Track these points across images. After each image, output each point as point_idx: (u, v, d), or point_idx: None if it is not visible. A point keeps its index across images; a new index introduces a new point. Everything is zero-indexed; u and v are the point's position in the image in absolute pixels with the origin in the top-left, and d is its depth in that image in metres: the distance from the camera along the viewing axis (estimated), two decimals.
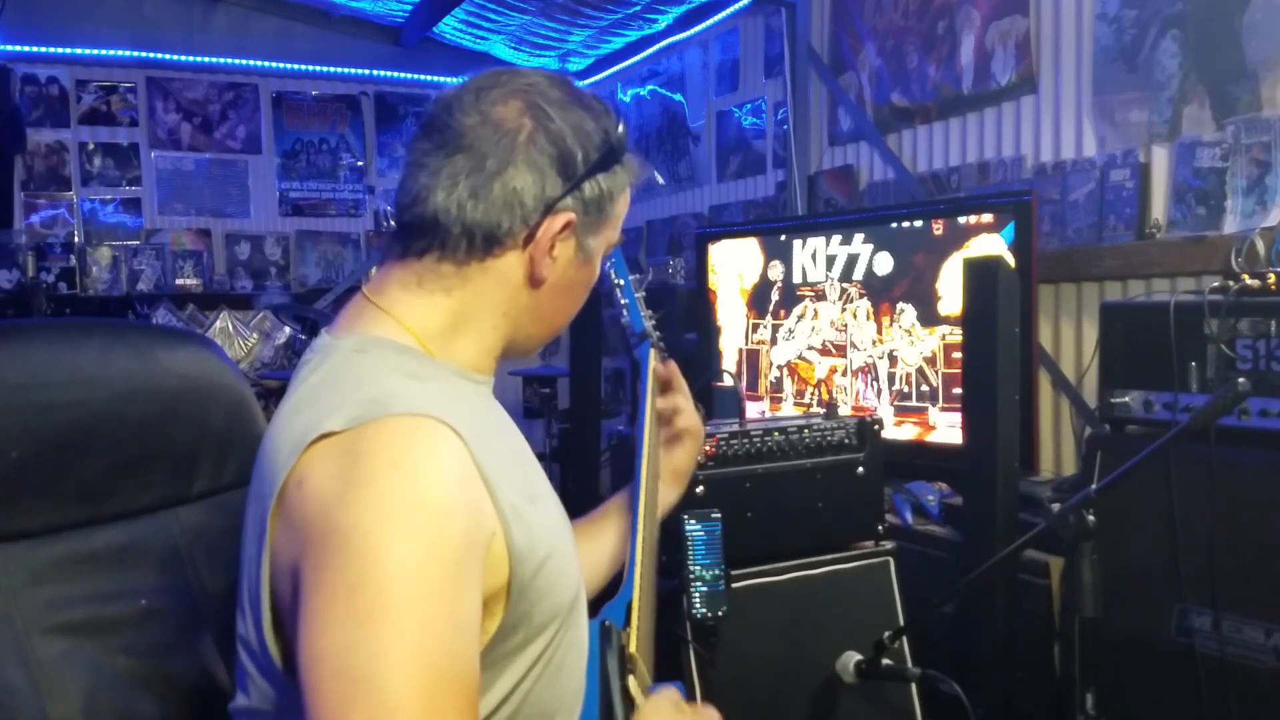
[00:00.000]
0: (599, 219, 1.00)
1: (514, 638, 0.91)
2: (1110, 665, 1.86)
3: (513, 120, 0.94)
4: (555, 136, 0.95)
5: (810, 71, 3.93)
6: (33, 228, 5.16)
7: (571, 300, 1.05)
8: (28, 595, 1.00)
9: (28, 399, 1.01)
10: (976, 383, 2.12)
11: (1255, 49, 2.39)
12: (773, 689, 1.98)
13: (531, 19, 4.99)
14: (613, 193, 1.00)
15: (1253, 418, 1.82)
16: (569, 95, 0.98)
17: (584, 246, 1.00)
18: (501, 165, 0.93)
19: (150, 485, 1.10)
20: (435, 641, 0.78)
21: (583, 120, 0.97)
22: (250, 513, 0.91)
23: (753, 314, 3.32)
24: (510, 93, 0.96)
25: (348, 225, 5.73)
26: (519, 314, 1.00)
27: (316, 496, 0.81)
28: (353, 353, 0.93)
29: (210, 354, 1.18)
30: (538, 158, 0.94)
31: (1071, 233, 2.79)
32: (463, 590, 0.81)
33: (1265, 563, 1.78)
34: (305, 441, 0.84)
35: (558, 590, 0.94)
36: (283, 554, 0.84)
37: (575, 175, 0.95)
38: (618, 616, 0.99)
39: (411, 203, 0.96)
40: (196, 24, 5.32)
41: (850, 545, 2.15)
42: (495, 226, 0.94)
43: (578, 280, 1.03)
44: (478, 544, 0.84)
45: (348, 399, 0.86)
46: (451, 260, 0.96)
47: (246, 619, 0.90)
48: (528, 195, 0.94)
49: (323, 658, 0.76)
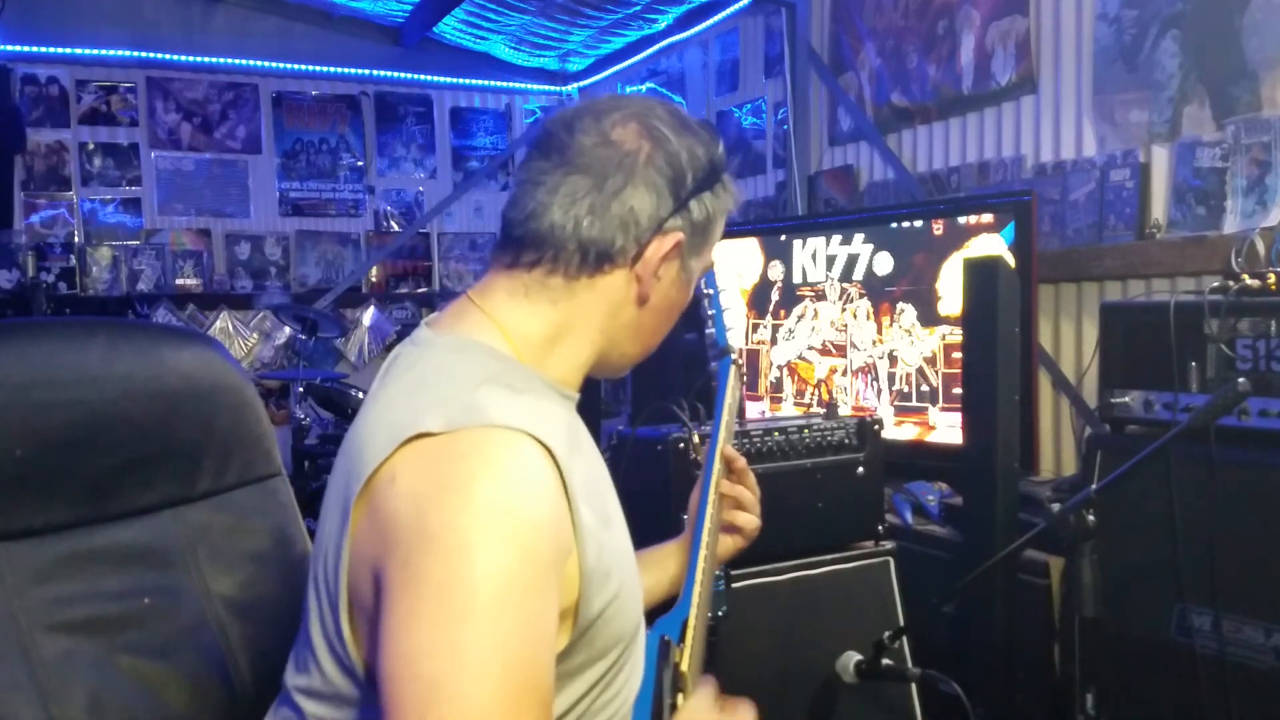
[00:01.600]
0: (702, 241, 1.03)
1: (575, 658, 0.91)
2: (1110, 665, 1.86)
3: (631, 142, 0.97)
4: (671, 158, 0.98)
5: (810, 71, 3.94)
6: (33, 228, 5.15)
7: (667, 320, 1.06)
8: (31, 593, 1.00)
9: (32, 397, 1.01)
10: (976, 383, 2.12)
11: (1255, 49, 2.39)
12: (773, 689, 1.98)
13: (531, 19, 4.99)
14: (715, 215, 1.03)
15: (1253, 418, 1.82)
16: (680, 119, 1.01)
17: (687, 267, 1.03)
18: (621, 185, 0.96)
19: (154, 484, 1.11)
20: (518, 649, 0.78)
21: (693, 144, 1.00)
22: (331, 498, 0.92)
23: (753, 314, 3.32)
24: (628, 115, 0.99)
25: (348, 225, 5.73)
26: (617, 331, 1.02)
27: (409, 495, 0.82)
28: (452, 353, 0.95)
29: (214, 354, 1.18)
30: (655, 178, 0.97)
31: (1071, 233, 2.79)
32: (546, 602, 0.82)
33: (1265, 563, 1.78)
34: (401, 437, 0.84)
35: (622, 616, 0.95)
36: (365, 547, 0.85)
37: (684, 196, 0.98)
38: (673, 632, 1.00)
39: (526, 218, 0.98)
40: (196, 24, 5.31)
41: (850, 545, 2.15)
42: (610, 244, 0.96)
43: (676, 301, 1.05)
44: (559, 559, 0.84)
45: (446, 400, 0.87)
46: (562, 275, 0.98)
47: (322, 603, 0.90)
48: (643, 215, 0.97)
49: (405, 658, 0.77)
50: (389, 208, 5.83)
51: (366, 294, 5.65)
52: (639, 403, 2.22)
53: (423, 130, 5.87)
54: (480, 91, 5.95)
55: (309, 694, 0.93)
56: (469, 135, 5.97)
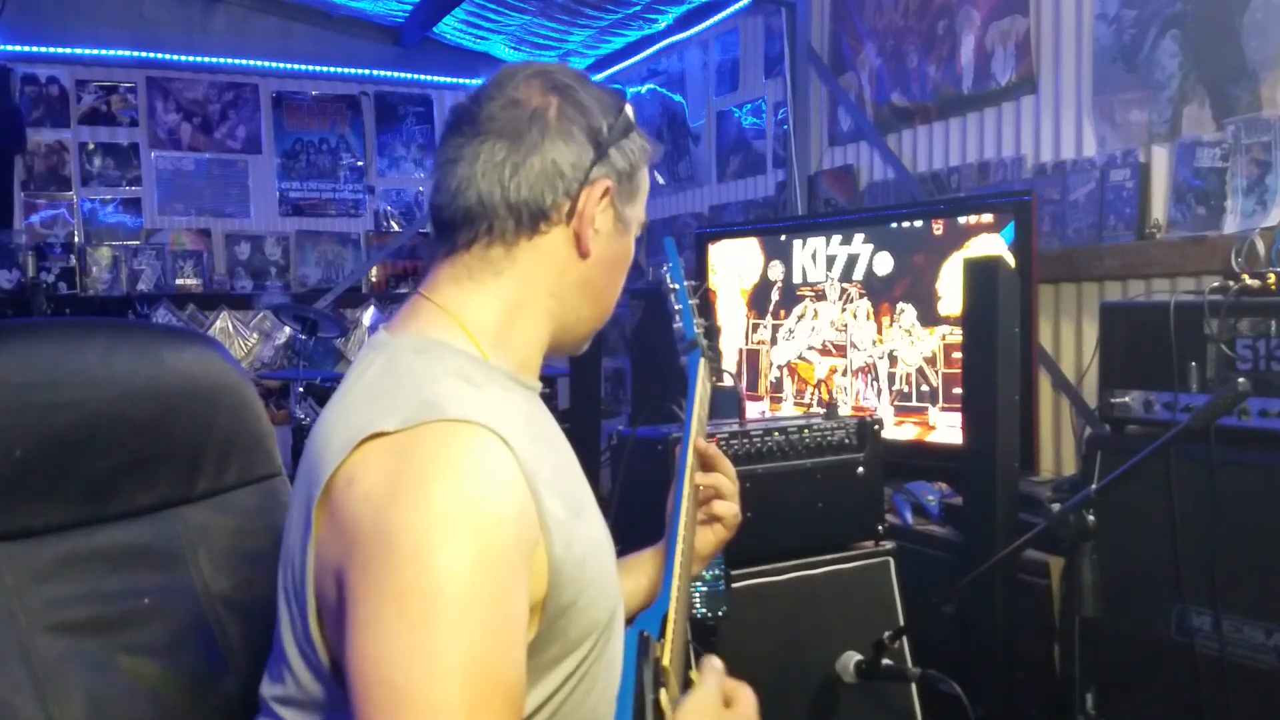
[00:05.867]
0: (630, 188, 1.02)
1: (549, 650, 0.90)
2: (1110, 665, 1.86)
3: (538, 98, 0.97)
4: (582, 108, 0.98)
5: (810, 71, 3.94)
6: (33, 228, 5.16)
7: (615, 274, 1.05)
8: (31, 593, 1.00)
9: (32, 398, 1.01)
10: (976, 383, 2.12)
11: (1255, 49, 2.39)
12: (773, 689, 1.97)
13: (531, 19, 4.99)
14: (638, 163, 1.03)
15: (1253, 418, 1.82)
16: (580, 75, 1.02)
17: (622, 216, 1.02)
18: (538, 140, 0.95)
19: (154, 485, 1.10)
20: (483, 649, 0.77)
21: (600, 94, 1.01)
22: (295, 504, 0.92)
23: (753, 314, 3.32)
24: (530, 76, 0.99)
25: (348, 225, 5.73)
26: (568, 293, 1.01)
27: (366, 497, 0.81)
28: (410, 353, 0.94)
29: (214, 354, 1.18)
30: (570, 128, 0.97)
31: (1071, 233, 2.79)
32: (511, 599, 0.81)
33: (1265, 563, 1.78)
34: (357, 439, 0.83)
35: (595, 606, 0.94)
36: (328, 551, 0.84)
37: (603, 144, 0.98)
38: (653, 627, 0.98)
39: (452, 198, 0.97)
40: (196, 24, 5.31)
41: (850, 545, 2.15)
42: (540, 201, 0.96)
43: (620, 254, 1.04)
44: (525, 554, 0.83)
45: (402, 400, 0.86)
46: (500, 243, 0.97)
47: (291, 608, 0.90)
48: (566, 166, 0.96)
49: (370, 662, 0.76)
50: (389, 208, 5.83)
51: (366, 294, 5.65)
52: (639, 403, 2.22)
53: (423, 130, 5.88)
54: None
55: (285, 703, 0.92)
56: None
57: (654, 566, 1.26)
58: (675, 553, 1.09)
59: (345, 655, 0.78)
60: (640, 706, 0.89)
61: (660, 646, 0.96)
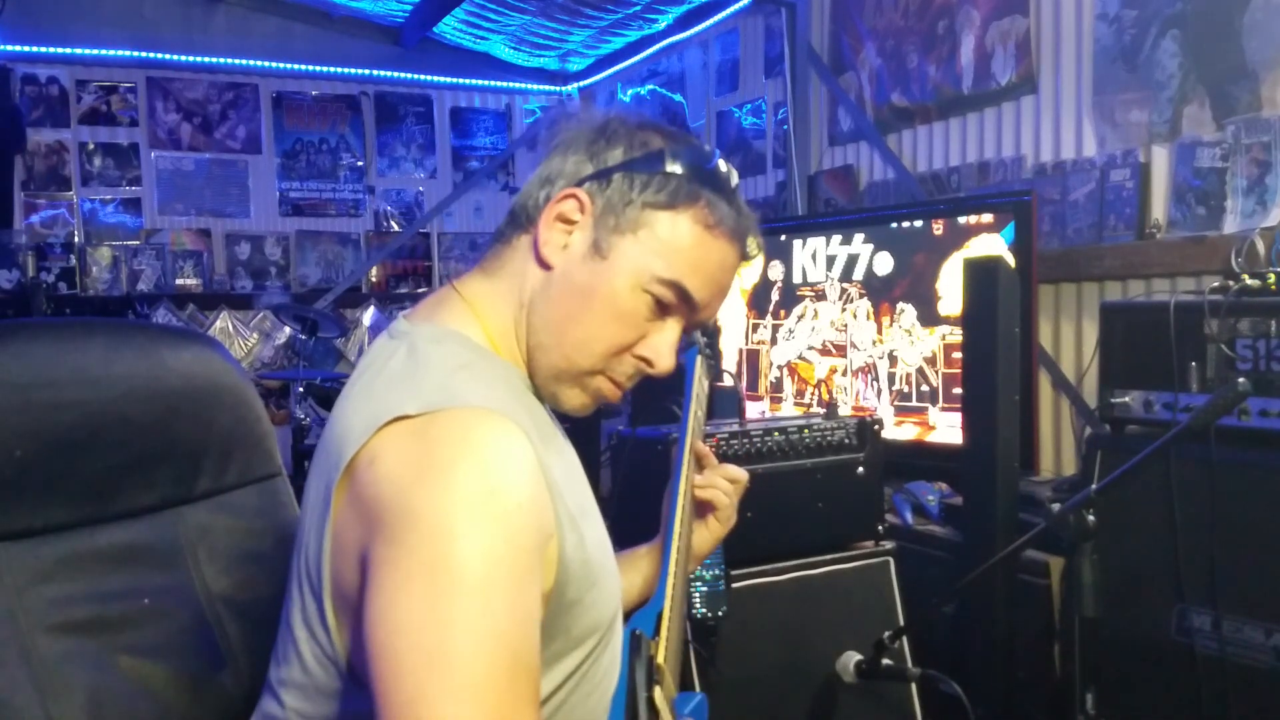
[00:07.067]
0: (619, 219, 0.94)
1: (551, 645, 0.91)
2: (1110, 665, 1.86)
3: (588, 123, 1.00)
4: (603, 127, 0.99)
5: (810, 71, 3.93)
6: (33, 228, 5.15)
7: (581, 306, 0.95)
8: (31, 593, 1.00)
9: (32, 398, 1.01)
10: (976, 383, 2.12)
11: (1255, 49, 2.39)
12: (773, 689, 1.98)
13: (531, 19, 4.99)
14: (647, 205, 0.94)
15: (1253, 418, 1.82)
16: (652, 118, 1.02)
17: (599, 244, 0.94)
18: (554, 152, 0.99)
19: (154, 485, 1.11)
20: (508, 627, 0.77)
21: (648, 135, 0.98)
22: (312, 488, 0.92)
23: (753, 314, 3.32)
24: (608, 110, 1.02)
25: (348, 225, 5.73)
26: (535, 305, 0.98)
27: (390, 478, 0.81)
28: (429, 343, 0.94)
29: (214, 354, 1.18)
30: (578, 140, 0.98)
31: (1071, 233, 2.79)
32: (530, 584, 0.81)
33: (1265, 563, 1.78)
34: (379, 422, 0.84)
35: (599, 606, 0.94)
36: (347, 531, 0.84)
37: (606, 165, 0.97)
38: (647, 626, 0.98)
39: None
40: (196, 24, 5.31)
41: (850, 545, 2.15)
42: (526, 200, 0.99)
43: (590, 284, 0.95)
44: (541, 543, 0.84)
45: (425, 386, 0.87)
46: (502, 240, 1.02)
47: (304, 594, 0.90)
48: (559, 174, 0.98)
49: (398, 629, 0.75)
50: (389, 208, 5.82)
51: (366, 294, 5.65)
52: (639, 403, 2.22)
53: (423, 130, 5.87)
54: (480, 91, 5.95)
55: (289, 685, 0.93)
56: (469, 135, 5.97)
57: (649, 563, 1.27)
58: (671, 551, 1.09)
59: (367, 626, 0.78)
60: (633, 703, 0.89)
61: (654, 645, 0.96)
